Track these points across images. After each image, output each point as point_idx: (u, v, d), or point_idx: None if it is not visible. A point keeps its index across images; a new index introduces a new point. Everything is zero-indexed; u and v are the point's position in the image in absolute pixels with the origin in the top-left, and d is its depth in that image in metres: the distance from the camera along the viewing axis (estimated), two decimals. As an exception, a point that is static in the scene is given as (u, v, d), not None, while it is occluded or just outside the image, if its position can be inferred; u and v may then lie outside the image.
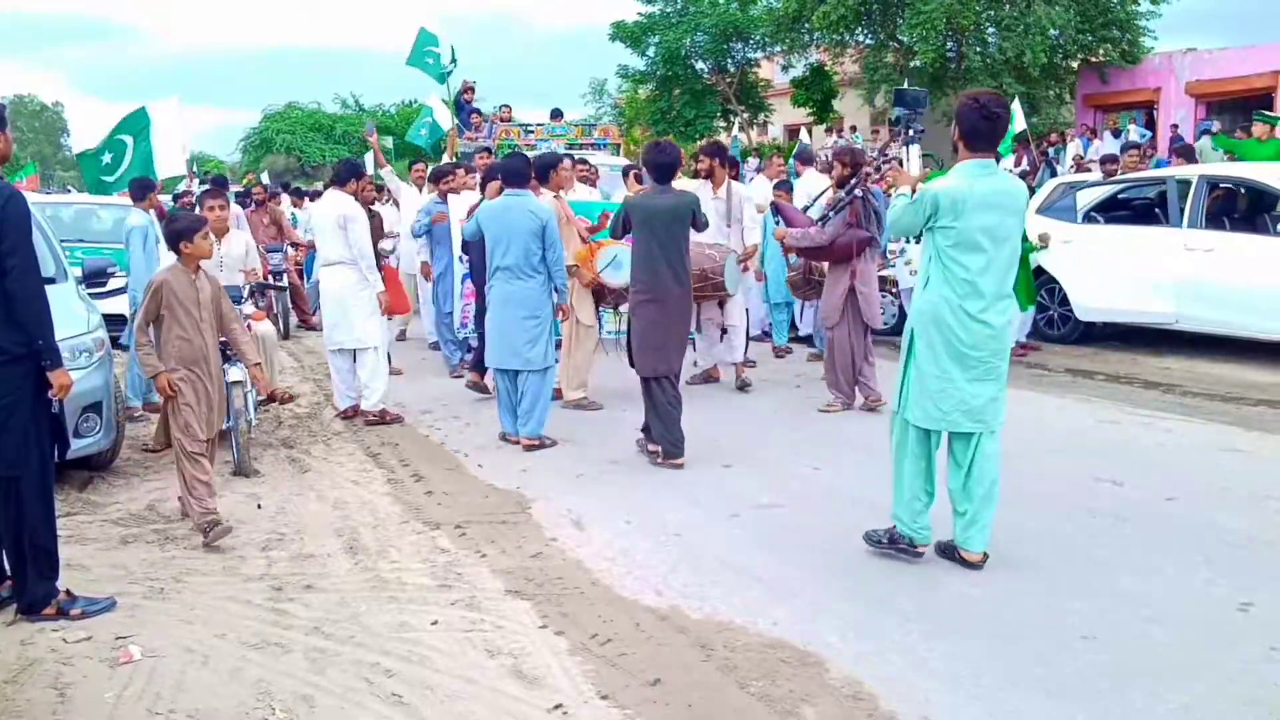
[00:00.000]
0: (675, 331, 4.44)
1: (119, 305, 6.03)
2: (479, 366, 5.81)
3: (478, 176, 6.48)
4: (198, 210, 5.14)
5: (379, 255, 6.04)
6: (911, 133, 3.98)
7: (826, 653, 2.63)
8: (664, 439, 4.39)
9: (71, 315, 4.27)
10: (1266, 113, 9.32)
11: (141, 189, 5.96)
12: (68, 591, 2.98)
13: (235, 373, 4.34)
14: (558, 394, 5.52)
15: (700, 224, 4.54)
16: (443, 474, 4.48)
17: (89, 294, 4.82)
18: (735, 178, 6.38)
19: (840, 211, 5.19)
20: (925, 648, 2.66)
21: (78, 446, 4.05)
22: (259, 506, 4.02)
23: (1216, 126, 13.24)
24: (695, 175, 6.27)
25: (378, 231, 6.41)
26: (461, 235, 5.63)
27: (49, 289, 2.95)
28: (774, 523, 3.71)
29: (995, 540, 3.46)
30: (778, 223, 5.75)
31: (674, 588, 3.10)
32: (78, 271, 4.88)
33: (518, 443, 4.76)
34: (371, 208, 6.37)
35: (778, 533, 3.59)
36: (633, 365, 4.57)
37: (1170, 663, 2.55)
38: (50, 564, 2.95)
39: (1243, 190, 6.84)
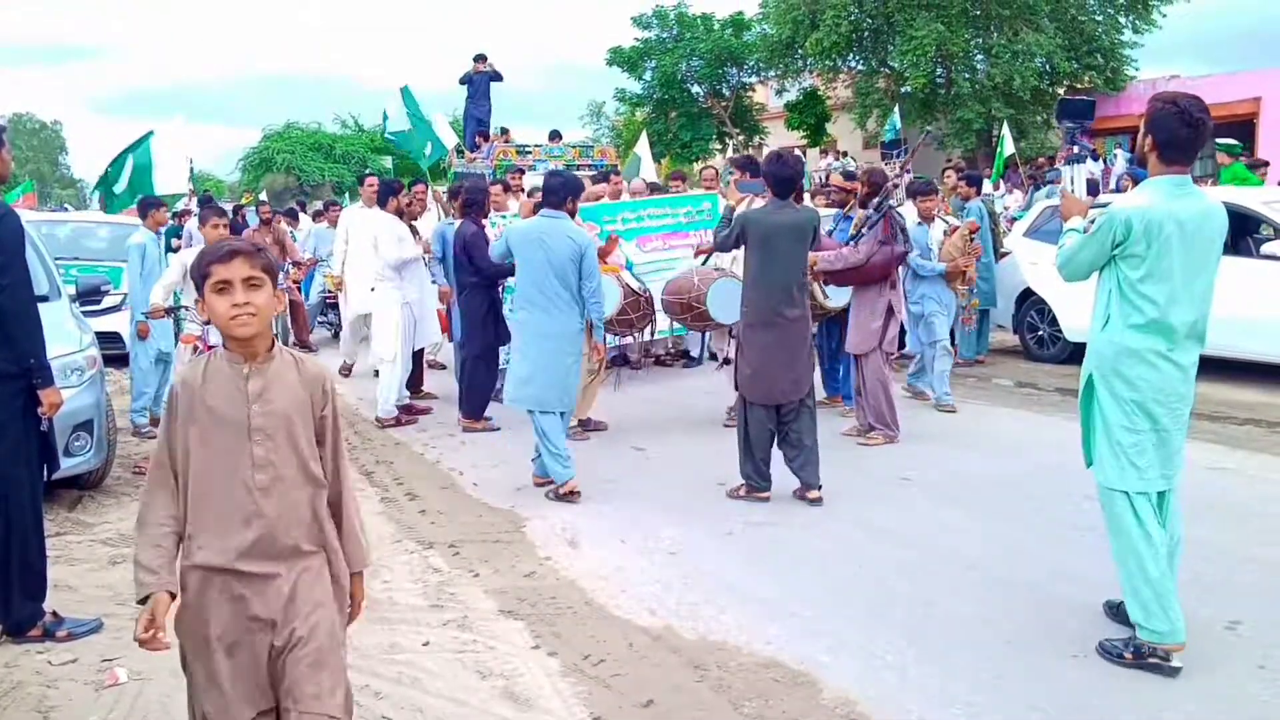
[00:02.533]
0: (792, 358, 4.07)
1: (112, 323, 6.03)
2: (477, 413, 5.60)
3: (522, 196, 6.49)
4: (200, 228, 5.04)
5: None
6: (1078, 149, 3.28)
7: (820, 672, 2.62)
8: (748, 468, 4.13)
9: (64, 333, 4.26)
10: (1225, 141, 9.48)
11: (145, 207, 6.01)
12: (54, 613, 2.94)
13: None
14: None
15: (817, 243, 4.28)
16: (437, 493, 4.46)
17: (82, 312, 4.81)
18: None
19: (874, 228, 4.96)
20: (918, 667, 2.65)
21: (68, 465, 4.01)
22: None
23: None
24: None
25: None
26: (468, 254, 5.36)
27: (42, 306, 2.95)
28: (768, 541, 3.70)
29: (983, 557, 3.48)
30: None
31: (668, 606, 3.09)
32: (71, 289, 4.88)
33: (573, 493, 4.22)
34: (414, 224, 6.39)
35: (772, 551, 3.58)
36: (737, 389, 4.23)
37: (1161, 680, 2.55)
38: (38, 584, 2.92)
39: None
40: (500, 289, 5.67)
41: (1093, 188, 8.38)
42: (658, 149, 20.54)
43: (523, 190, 7.26)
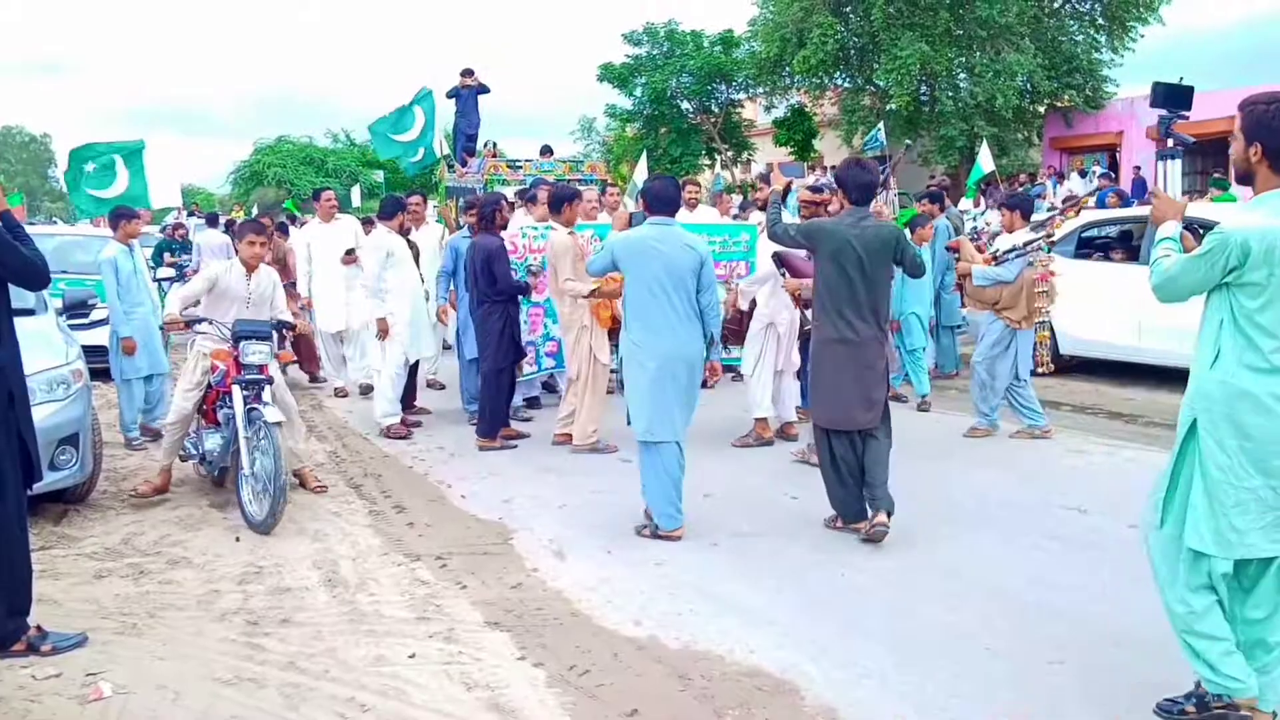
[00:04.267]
0: (865, 380, 3.74)
1: (100, 337, 6.01)
2: (492, 433, 5.44)
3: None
4: (234, 244, 4.67)
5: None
6: (1173, 143, 2.81)
7: (802, 680, 2.66)
8: (841, 500, 3.82)
9: (50, 346, 4.27)
10: (1213, 176, 9.70)
11: (116, 218, 5.75)
12: (38, 627, 2.93)
13: (273, 412, 3.94)
14: (567, 438, 5.34)
15: (910, 262, 3.84)
16: (425, 505, 4.48)
17: (69, 325, 4.82)
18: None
19: None
20: (897, 674, 2.69)
21: (54, 479, 4.01)
22: (237, 539, 3.99)
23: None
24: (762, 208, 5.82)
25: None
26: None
27: (28, 320, 2.97)
28: (752, 551, 3.74)
29: (962, 565, 3.51)
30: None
31: (653, 617, 3.12)
32: (58, 303, 4.88)
33: (675, 537, 3.86)
34: (410, 238, 6.25)
35: (756, 561, 3.62)
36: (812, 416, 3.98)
37: (1136, 684, 2.59)
38: (22, 599, 2.91)
39: (1200, 229, 7.11)
40: (517, 304, 5.58)
41: (1073, 202, 8.52)
42: (647, 164, 20.70)
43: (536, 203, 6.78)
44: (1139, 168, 15.89)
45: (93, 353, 5.09)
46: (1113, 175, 15.18)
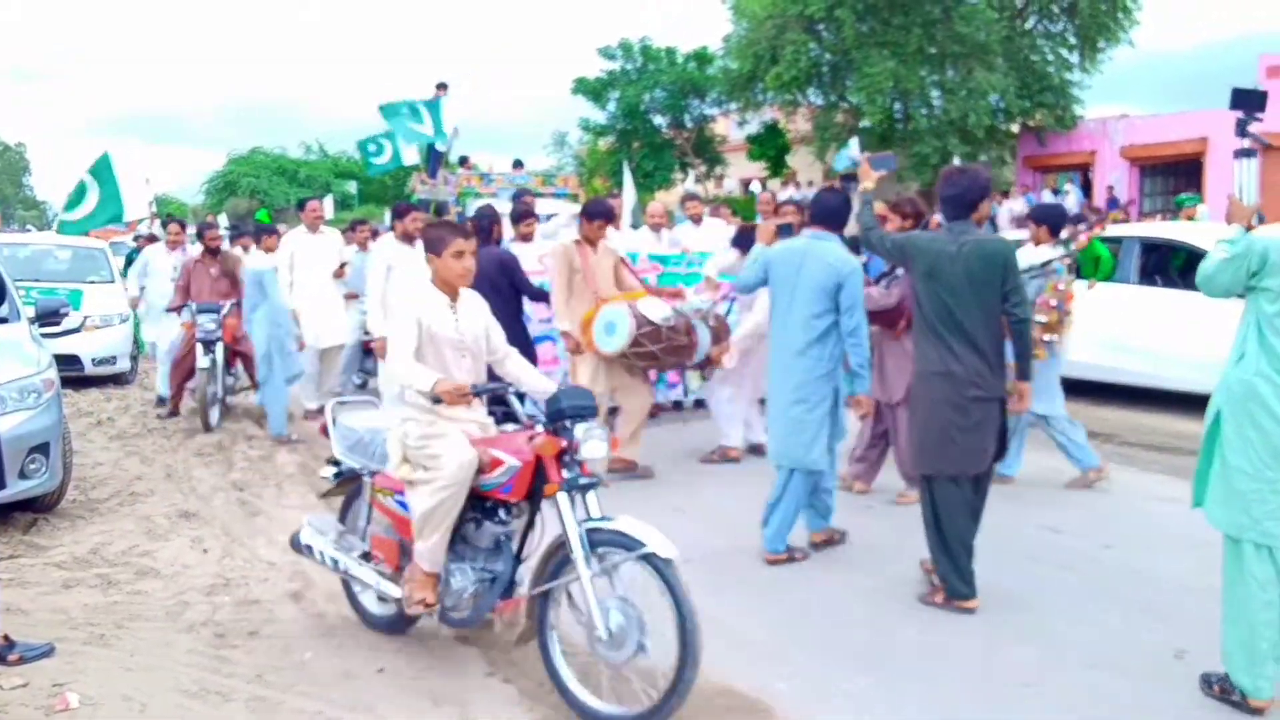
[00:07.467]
0: (974, 415, 3.21)
1: (71, 345, 5.97)
2: None
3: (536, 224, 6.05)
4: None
5: None
6: (1250, 143, 2.91)
7: (775, 700, 2.67)
8: (944, 566, 3.30)
9: (22, 355, 4.23)
10: (1187, 195, 9.92)
11: (259, 232, 6.22)
12: (5, 636, 2.90)
13: (663, 542, 2.48)
14: (623, 464, 4.91)
15: (1013, 295, 3.25)
16: (397, 518, 4.46)
17: (40, 334, 4.77)
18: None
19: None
20: (871, 695, 2.71)
21: (24, 487, 3.97)
22: (205, 550, 3.96)
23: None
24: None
25: None
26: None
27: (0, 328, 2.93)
28: (725, 568, 3.75)
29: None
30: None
31: (624, 631, 3.13)
32: (30, 311, 4.83)
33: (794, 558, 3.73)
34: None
35: (729, 578, 3.63)
36: (911, 468, 3.60)
37: (1109, 708, 2.63)
38: (-14, 609, 2.89)
39: (1172, 249, 7.30)
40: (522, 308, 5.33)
41: (1100, 218, 8.49)
42: (619, 178, 20.84)
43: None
44: (1111, 187, 16.30)
45: (63, 362, 5.05)
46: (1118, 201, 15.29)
